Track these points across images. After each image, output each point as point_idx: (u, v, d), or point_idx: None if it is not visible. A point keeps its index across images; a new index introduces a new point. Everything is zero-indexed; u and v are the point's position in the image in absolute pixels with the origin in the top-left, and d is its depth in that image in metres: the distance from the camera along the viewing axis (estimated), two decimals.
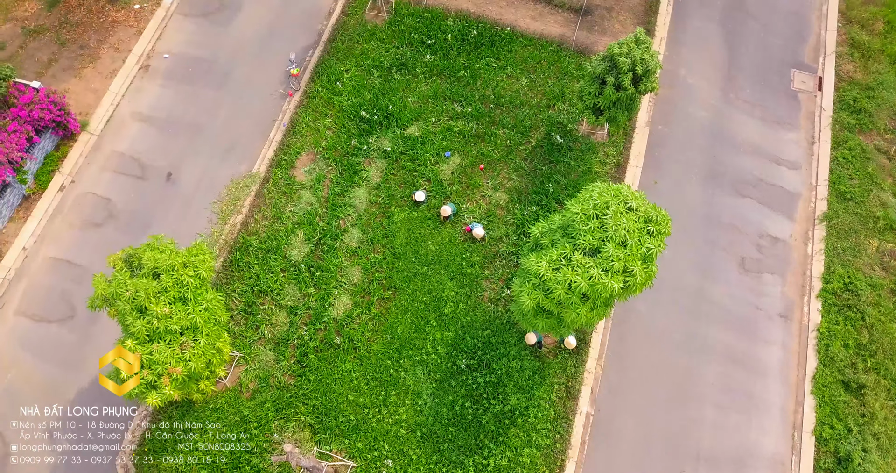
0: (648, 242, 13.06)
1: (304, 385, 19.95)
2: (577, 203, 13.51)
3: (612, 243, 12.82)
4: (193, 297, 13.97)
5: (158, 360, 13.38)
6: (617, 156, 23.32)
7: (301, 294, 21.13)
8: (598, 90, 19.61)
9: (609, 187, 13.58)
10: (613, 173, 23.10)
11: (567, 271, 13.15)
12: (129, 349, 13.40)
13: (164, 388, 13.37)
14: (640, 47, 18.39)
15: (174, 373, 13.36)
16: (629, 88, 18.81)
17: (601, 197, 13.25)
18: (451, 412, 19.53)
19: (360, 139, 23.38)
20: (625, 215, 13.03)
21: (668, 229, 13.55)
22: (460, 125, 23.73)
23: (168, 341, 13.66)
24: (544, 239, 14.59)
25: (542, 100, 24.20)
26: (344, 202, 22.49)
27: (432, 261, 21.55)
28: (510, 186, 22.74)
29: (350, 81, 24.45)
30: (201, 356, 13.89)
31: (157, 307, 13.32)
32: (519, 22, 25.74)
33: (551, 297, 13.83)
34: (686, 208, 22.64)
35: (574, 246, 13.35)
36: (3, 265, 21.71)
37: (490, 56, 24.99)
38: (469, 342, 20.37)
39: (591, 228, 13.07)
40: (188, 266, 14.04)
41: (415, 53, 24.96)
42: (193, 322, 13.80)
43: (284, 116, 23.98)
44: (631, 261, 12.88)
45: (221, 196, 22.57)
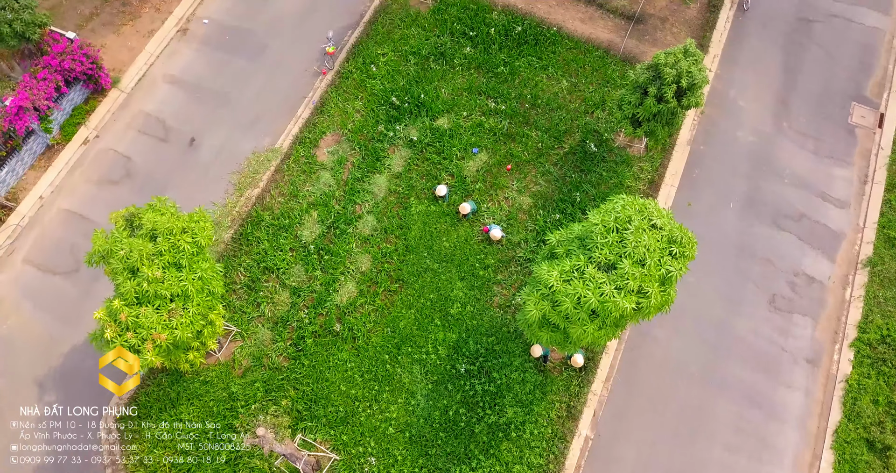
0: (669, 263, 12.31)
1: (298, 370, 19.60)
2: (599, 214, 12.83)
3: (630, 261, 12.11)
4: (188, 264, 13.68)
5: (144, 324, 13.11)
6: (652, 172, 22.47)
7: (307, 276, 20.81)
8: (638, 100, 18.82)
9: (634, 201, 12.85)
10: (646, 190, 22.25)
11: (578, 284, 12.48)
12: (115, 309, 13.19)
13: (147, 354, 13.11)
14: (689, 59, 17.57)
15: (158, 339, 13.08)
16: (671, 101, 17.98)
17: (624, 210, 12.54)
18: (444, 416, 18.97)
19: (388, 125, 22.97)
20: (647, 232, 12.30)
21: (693, 253, 12.77)
22: (492, 122, 23.14)
23: (157, 306, 13.39)
24: (560, 248, 13.93)
25: (581, 105, 23.46)
26: (363, 188, 22.10)
27: (445, 258, 21.02)
28: (536, 190, 22.08)
29: (385, 66, 24.06)
30: (189, 325, 13.59)
31: (148, 269, 13.06)
32: (567, 23, 25.04)
33: (558, 310, 13.18)
34: (719, 235, 21.67)
35: (589, 259, 12.68)
36: (19, 211, 21.90)
37: (532, 55, 24.34)
38: (472, 347, 19.78)
39: (610, 241, 12.38)
40: (187, 232, 13.75)
41: (455, 44, 24.46)
42: (185, 290, 13.50)
43: (315, 94, 23.71)
44: (647, 282, 12.15)
45: (241, 168, 22.41)
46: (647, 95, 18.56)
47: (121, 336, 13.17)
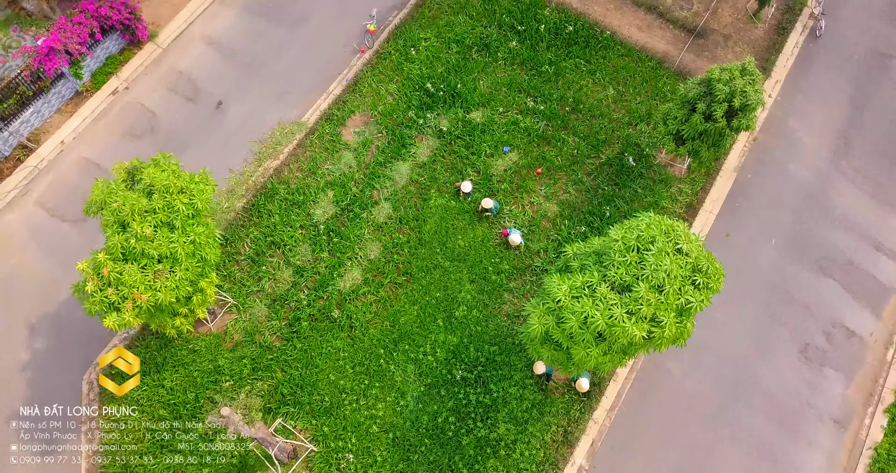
0: (690, 294, 11.28)
1: (289, 351, 19.04)
2: (620, 230, 11.85)
3: (646, 284, 11.13)
4: (181, 226, 13.16)
5: (127, 282, 12.65)
6: (692, 195, 21.27)
7: (313, 257, 20.24)
8: (685, 116, 17.68)
9: (661, 221, 11.84)
10: (682, 213, 21.07)
11: (587, 302, 11.55)
12: (99, 262, 12.78)
13: (126, 313, 12.65)
14: (745, 78, 16.38)
15: (139, 300, 12.61)
16: (720, 120, 16.80)
17: (649, 230, 11.54)
18: (432, 423, 18.16)
19: (419, 112, 22.23)
20: (671, 256, 11.29)
21: (718, 286, 11.71)
22: (528, 122, 22.21)
23: (143, 265, 12.93)
24: (575, 261, 13.00)
25: (625, 116, 22.36)
26: (384, 173, 21.43)
27: (457, 257, 20.21)
28: (564, 199, 21.10)
29: (426, 51, 23.33)
30: (174, 289, 13.09)
31: (138, 225, 12.59)
32: (622, 29, 23.94)
33: (563, 327, 12.27)
34: (755, 271, 20.34)
35: (603, 277, 11.73)
36: (39, 153, 21.87)
37: (581, 57, 23.32)
38: (472, 354, 18.93)
39: (628, 261, 11.41)
40: (185, 193, 13.25)
41: (501, 37, 23.58)
42: (174, 252, 13.00)
43: (350, 71, 23.12)
44: (663, 310, 11.15)
45: (263, 137, 21.96)
46: (694, 112, 17.42)
47: (101, 291, 12.74)
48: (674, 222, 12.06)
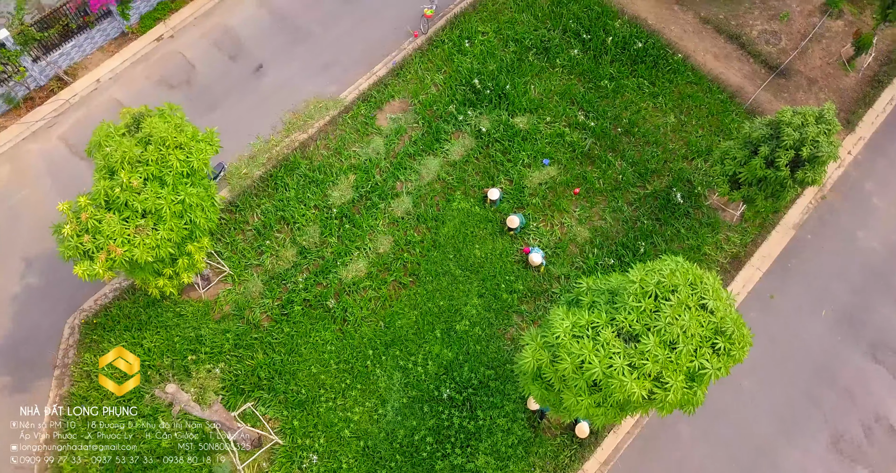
0: (707, 358, 9.93)
1: (275, 334, 18.28)
2: (641, 271, 10.55)
3: (657, 338, 9.82)
4: (173, 183, 12.47)
5: (105, 231, 12.02)
6: (740, 246, 19.62)
7: (320, 240, 19.45)
8: (744, 158, 16.13)
9: (689, 270, 10.48)
10: (725, 263, 19.45)
11: (587, 344, 10.31)
12: (80, 205, 12.22)
13: (98, 264, 12.03)
14: (820, 127, 14.76)
15: (114, 252, 11.97)
16: (783, 169, 15.19)
17: (672, 276, 10.20)
18: (408, 439, 17.09)
19: (461, 108, 21.18)
20: (692, 311, 9.94)
21: (742, 355, 10.29)
22: (575, 137, 20.92)
23: (125, 216, 12.29)
24: (586, 296, 11.77)
25: (682, 148, 20.83)
26: (411, 165, 20.46)
27: (470, 267, 19.10)
28: (598, 225, 19.74)
29: (481, 45, 22.28)
30: (154, 248, 12.41)
31: (126, 174, 11.96)
32: (697, 54, 22.38)
33: (556, 367, 11.07)
34: (797, 343, 18.53)
35: (611, 320, 10.47)
36: (73, 88, 21.75)
37: (645, 77, 21.89)
38: (465, 374, 17.78)
39: (642, 308, 10.12)
40: (183, 149, 12.55)
41: (564, 43, 22.36)
42: (160, 209, 12.32)
43: (398, 54, 22.27)
44: (671, 371, 9.83)
45: (296, 108, 21.29)
46: (756, 155, 15.87)
47: (78, 237, 12.16)
48: (705, 272, 10.68)
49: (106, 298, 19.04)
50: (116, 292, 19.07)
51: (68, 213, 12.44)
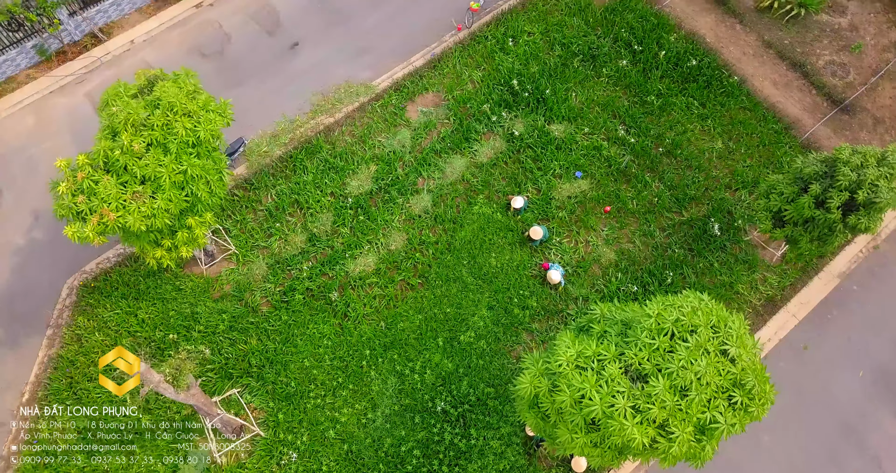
0: (721, 410, 9.01)
1: (272, 320, 17.79)
2: (658, 304, 9.67)
3: (667, 381, 8.94)
4: (177, 152, 11.99)
5: (100, 193, 11.61)
6: (777, 289, 18.46)
7: (332, 228, 18.90)
8: (793, 195, 15.02)
9: (714, 309, 9.55)
10: (759, 306, 18.29)
11: (590, 377, 9.48)
12: (79, 164, 11.83)
13: (88, 226, 11.64)
14: (882, 169, 13.61)
15: (106, 217, 11.55)
16: (834, 211, 14.07)
17: (693, 315, 9.29)
18: (395, 449, 16.39)
19: (495, 109, 20.44)
20: (710, 356, 9.04)
21: (761, 413, 9.33)
22: (613, 152, 19.99)
23: (123, 181, 11.87)
24: (597, 324, 10.92)
25: (726, 176, 19.74)
26: (436, 162, 19.78)
27: (483, 276, 18.33)
28: (626, 248, 18.79)
29: (525, 46, 21.52)
30: (150, 217, 11.96)
31: (127, 137, 11.52)
32: (755, 79, 21.24)
33: (554, 397, 10.26)
34: (827, 400, 17.27)
35: (620, 354, 9.62)
36: (106, 46, 21.69)
37: (696, 98, 20.86)
38: (463, 388, 17.01)
39: (655, 346, 9.25)
40: (191, 117, 12.06)
41: (613, 52, 21.49)
42: (159, 177, 11.86)
43: (438, 46, 21.68)
44: (679, 420, 8.94)
45: (326, 91, 20.82)
46: (805, 193, 14.76)
47: (73, 196, 11.79)
48: (731, 314, 9.75)
49: (108, 262, 18.83)
50: (119, 257, 18.83)
51: (66, 170, 12.08)
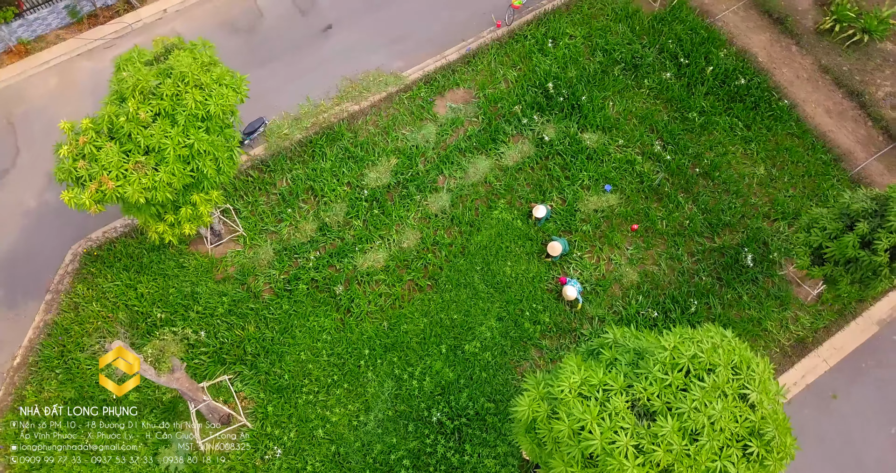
0: (733, 461, 8.24)
1: (273, 308, 17.37)
2: (676, 337, 8.94)
3: (676, 422, 8.22)
4: (185, 125, 11.57)
5: (101, 160, 11.27)
6: (809, 330, 17.46)
7: (344, 219, 18.44)
8: (836, 232, 14.08)
9: (737, 348, 8.77)
10: (788, 346, 17.32)
11: (592, 408, 8.80)
12: (83, 126, 11.52)
13: (86, 193, 11.30)
14: None
15: (105, 185, 11.20)
16: (881, 254, 13.12)
17: (712, 353, 8.53)
18: (384, 456, 15.82)
19: (527, 111, 19.79)
20: (726, 400, 8.28)
21: (777, 469, 8.53)
22: (647, 167, 19.19)
23: (127, 150, 11.50)
24: (608, 350, 10.23)
25: (766, 205, 18.79)
26: (459, 161, 19.19)
27: (496, 285, 17.68)
28: (651, 271, 17.98)
29: (565, 49, 20.85)
30: (149, 189, 11.58)
31: (134, 105, 11.14)
32: (806, 104, 20.24)
33: (552, 425, 9.59)
34: (853, 456, 16.29)
35: (628, 387, 8.92)
36: (138, 13, 21.60)
37: (740, 119, 19.96)
38: (462, 400, 16.37)
39: (668, 382, 8.52)
40: (203, 89, 11.63)
41: (657, 63, 20.73)
42: (164, 149, 11.47)
43: (475, 42, 21.16)
44: (685, 466, 8.19)
45: (355, 77, 20.39)
46: (850, 231, 13.81)
47: (74, 161, 11.46)
48: (755, 356, 8.97)
49: (115, 232, 18.65)
50: (126, 228, 18.63)
51: (69, 133, 11.77)
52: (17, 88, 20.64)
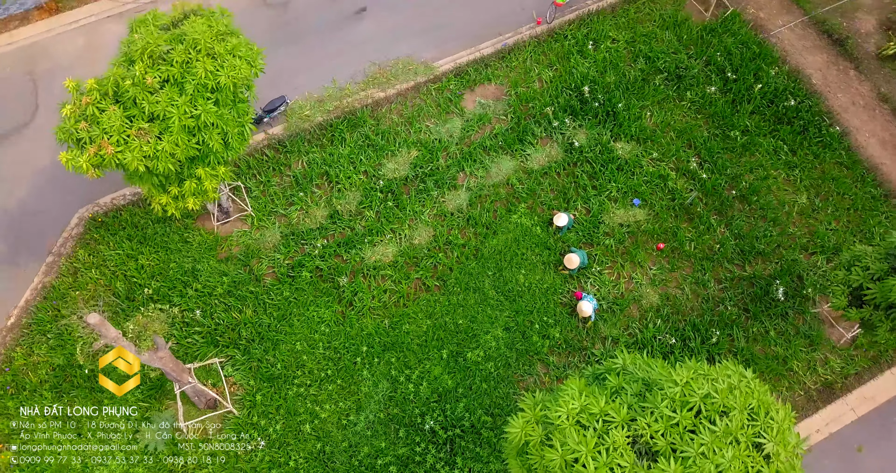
0: None
1: (273, 294, 16.94)
2: (689, 371, 8.22)
3: (679, 467, 7.50)
4: (193, 94, 11.14)
5: (103, 123, 10.89)
6: (838, 375, 16.51)
7: (356, 209, 17.95)
8: (880, 273, 13.16)
9: (756, 391, 8.01)
10: (813, 390, 16.40)
11: (589, 439, 8.12)
12: (88, 86, 11.15)
13: (84, 155, 10.94)
14: None
15: (104, 149, 10.83)
16: None
17: (727, 395, 7.78)
18: (370, 460, 15.29)
19: (559, 114, 19.09)
20: (738, 447, 7.53)
21: None
22: (680, 184, 18.35)
23: (131, 115, 11.10)
24: (615, 377, 9.54)
25: (805, 236, 17.85)
26: (482, 160, 18.57)
27: (507, 293, 17.02)
28: (673, 294, 17.17)
29: (605, 53, 20.11)
30: (150, 158, 11.17)
31: (141, 68, 10.73)
32: (859, 133, 19.23)
33: (544, 452, 8.95)
34: None
35: (631, 421, 8.23)
36: None
37: (786, 142, 19.06)
38: (459, 411, 15.76)
39: (676, 421, 7.82)
40: (215, 59, 11.17)
41: (702, 76, 19.89)
42: (169, 118, 11.04)
43: (512, 37, 20.52)
44: None
45: (384, 63, 19.87)
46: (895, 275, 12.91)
47: (77, 122, 11.12)
48: (777, 402, 8.21)
49: (123, 199, 18.43)
50: (135, 197, 18.39)
51: (73, 92, 11.42)
52: (44, 45, 20.54)
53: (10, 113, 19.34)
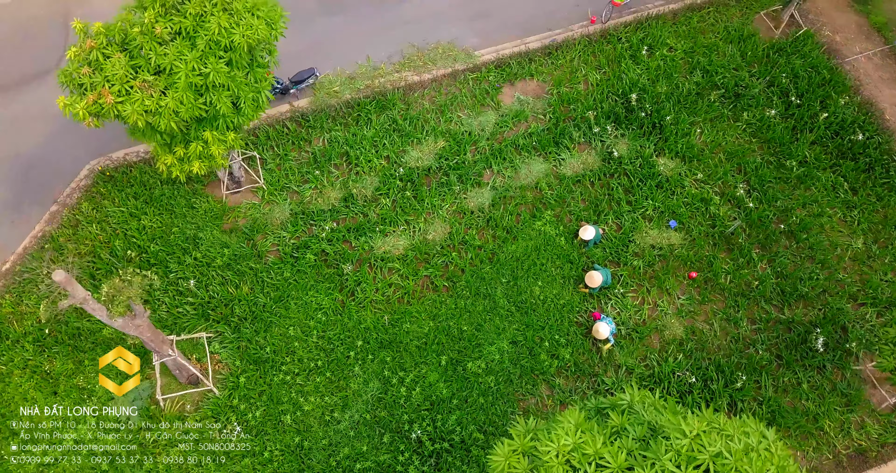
0: None
1: (273, 273, 16.34)
2: (702, 422, 7.26)
3: None
4: (203, 50, 10.51)
5: (107, 70, 10.35)
6: (874, 443, 15.32)
7: (373, 195, 17.28)
8: None
9: (777, 458, 6.99)
10: (842, 456, 15.17)
11: None
12: (94, 31, 10.61)
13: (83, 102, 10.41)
14: None
15: (104, 97, 10.28)
16: None
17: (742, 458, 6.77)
18: (349, 462, 14.57)
19: (601, 119, 18.17)
20: None
21: None
22: (722, 211, 17.23)
23: (137, 65, 10.55)
24: (618, 415, 8.64)
25: (855, 284, 16.59)
26: (512, 158, 17.75)
27: (519, 304, 16.14)
28: (699, 328, 16.10)
29: (660, 61, 19.15)
30: (151, 114, 10.59)
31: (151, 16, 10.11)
32: None
33: None
34: None
35: (628, 469, 7.34)
36: None
37: (847, 178, 17.95)
38: (450, 423, 14.92)
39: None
40: (232, 15, 10.44)
41: (762, 96, 18.80)
42: (176, 73, 10.45)
43: (561, 34, 19.68)
44: None
45: (423, 46, 19.16)
46: None
47: (79, 66, 10.61)
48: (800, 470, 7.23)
49: (136, 156, 18.07)
50: (148, 155, 17.98)
51: (81, 34, 10.92)
52: None
53: (37, 56, 19.10)
